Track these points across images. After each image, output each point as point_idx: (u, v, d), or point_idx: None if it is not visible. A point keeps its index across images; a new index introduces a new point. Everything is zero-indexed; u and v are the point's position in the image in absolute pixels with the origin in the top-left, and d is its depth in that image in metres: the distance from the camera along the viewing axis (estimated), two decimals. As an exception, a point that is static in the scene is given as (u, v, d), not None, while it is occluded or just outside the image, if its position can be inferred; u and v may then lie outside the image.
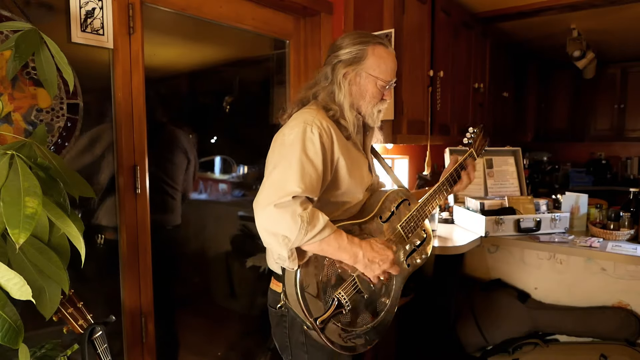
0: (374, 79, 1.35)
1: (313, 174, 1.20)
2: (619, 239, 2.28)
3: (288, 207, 1.14)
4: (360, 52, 1.34)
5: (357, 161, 1.37)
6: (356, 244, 1.25)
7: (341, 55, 1.35)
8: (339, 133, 1.32)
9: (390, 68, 1.37)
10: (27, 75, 1.34)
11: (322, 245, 1.20)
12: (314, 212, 1.17)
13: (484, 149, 1.67)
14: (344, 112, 1.33)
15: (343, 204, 1.36)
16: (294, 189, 1.15)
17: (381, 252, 1.28)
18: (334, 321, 1.26)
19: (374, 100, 1.37)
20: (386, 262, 1.28)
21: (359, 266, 1.27)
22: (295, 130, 1.24)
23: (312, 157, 1.21)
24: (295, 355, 1.40)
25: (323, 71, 1.39)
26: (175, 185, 2.22)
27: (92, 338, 1.20)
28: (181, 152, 2.26)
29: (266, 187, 1.19)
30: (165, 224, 2.18)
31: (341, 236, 1.22)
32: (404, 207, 1.43)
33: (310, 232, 1.15)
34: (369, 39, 1.36)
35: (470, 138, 1.64)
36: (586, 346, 2.31)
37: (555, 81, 5.33)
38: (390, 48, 1.40)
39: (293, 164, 1.19)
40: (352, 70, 1.34)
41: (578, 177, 5.19)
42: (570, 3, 3.06)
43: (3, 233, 0.88)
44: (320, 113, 1.30)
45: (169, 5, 1.78)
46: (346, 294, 1.28)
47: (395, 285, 1.41)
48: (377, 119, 1.42)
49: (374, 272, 1.28)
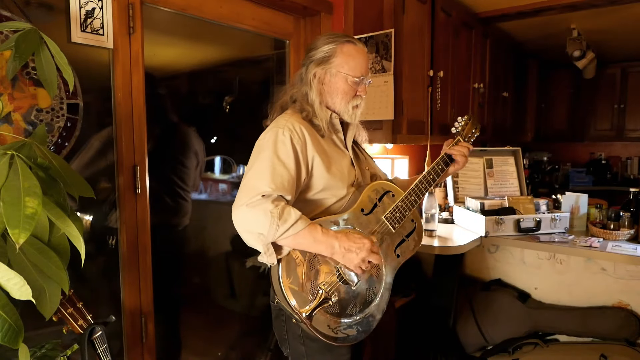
0: (344, 75, 1.39)
1: (285, 174, 1.25)
2: (619, 239, 2.28)
3: (259, 205, 1.20)
4: (330, 51, 1.39)
5: (336, 158, 1.40)
6: (331, 236, 1.28)
7: (313, 56, 1.41)
8: (314, 132, 1.36)
9: (360, 64, 1.40)
10: (27, 75, 1.34)
11: (297, 240, 1.24)
12: (284, 208, 1.22)
13: (473, 137, 1.68)
14: (316, 111, 1.38)
15: (324, 200, 1.38)
16: (264, 188, 1.22)
17: (357, 240, 1.29)
18: (322, 313, 1.27)
19: (347, 97, 1.41)
20: (363, 250, 1.28)
21: (337, 257, 1.29)
22: (267, 135, 1.32)
23: (283, 158, 1.27)
24: (293, 348, 1.42)
25: (298, 73, 1.46)
26: (187, 187, 2.23)
27: (92, 338, 1.20)
28: (192, 153, 2.27)
29: (240, 189, 1.27)
30: (179, 225, 2.20)
31: (315, 229, 1.26)
32: (387, 198, 1.44)
33: (282, 226, 1.20)
34: (338, 38, 1.41)
35: (457, 127, 1.64)
36: (586, 346, 2.31)
37: (555, 81, 5.33)
38: (359, 45, 1.43)
39: (264, 166, 1.26)
40: (321, 69, 1.39)
41: (578, 177, 5.19)
42: (570, 3, 3.06)
43: (3, 233, 0.88)
44: (294, 116, 1.37)
45: (169, 5, 1.78)
46: (331, 285, 1.29)
47: (386, 275, 1.41)
48: (354, 115, 1.44)
49: (353, 261, 1.29)
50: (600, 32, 3.79)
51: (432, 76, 2.70)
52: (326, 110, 1.41)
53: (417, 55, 2.56)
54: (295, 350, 1.41)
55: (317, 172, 1.34)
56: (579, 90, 5.21)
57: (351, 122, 1.46)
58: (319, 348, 1.36)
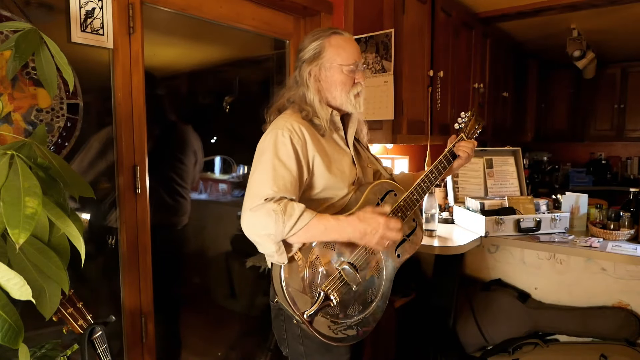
0: (338, 66, 1.38)
1: (286, 175, 1.25)
2: (619, 239, 2.28)
3: (262, 207, 1.20)
4: (318, 47, 1.39)
5: (336, 157, 1.39)
6: (342, 221, 1.26)
7: (303, 56, 1.41)
8: (314, 132, 1.36)
9: (351, 52, 1.40)
10: (27, 75, 1.34)
11: (308, 232, 1.22)
12: (287, 204, 1.21)
13: (476, 133, 1.66)
14: (316, 110, 1.37)
15: (326, 200, 1.37)
16: (266, 192, 1.22)
17: (371, 221, 1.26)
18: (323, 314, 1.27)
19: (346, 87, 1.40)
20: (379, 229, 1.25)
21: (355, 241, 1.28)
22: (267, 137, 1.31)
23: (284, 159, 1.26)
24: (292, 347, 1.42)
25: (293, 75, 1.46)
26: (186, 186, 2.23)
27: (92, 338, 1.20)
28: (191, 152, 2.27)
29: (245, 195, 1.26)
30: (178, 224, 2.20)
31: (325, 217, 1.25)
32: (389, 197, 1.43)
33: (289, 222, 1.18)
34: (323, 33, 1.41)
35: (461, 122, 1.62)
36: (586, 346, 2.31)
37: (555, 81, 5.33)
38: (345, 34, 1.43)
39: (266, 169, 1.25)
40: (315, 66, 1.39)
41: (578, 177, 5.19)
42: (570, 3, 3.06)
43: (3, 233, 0.87)
44: (293, 116, 1.36)
45: (169, 5, 1.78)
46: (333, 287, 1.29)
47: (386, 275, 1.41)
48: (358, 103, 1.43)
49: (372, 242, 1.27)
50: (600, 32, 3.79)
51: (432, 76, 2.70)
52: (326, 108, 1.40)
53: (417, 55, 2.56)
54: (294, 350, 1.41)
55: (318, 172, 1.34)
56: (579, 90, 5.21)
57: (355, 111, 1.44)
58: (318, 348, 1.36)
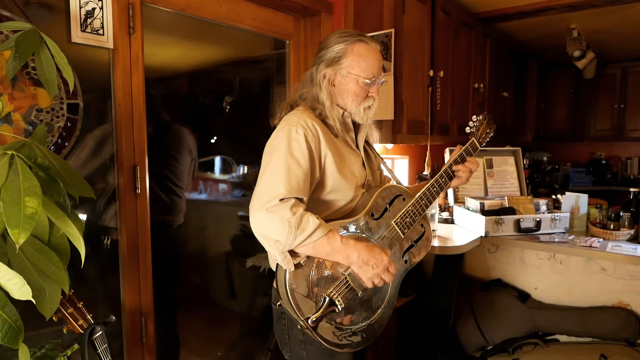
0: (355, 77, 1.34)
1: (300, 173, 1.22)
2: (619, 239, 2.28)
3: (277, 211, 1.17)
4: (340, 52, 1.34)
5: (347, 158, 1.38)
6: (351, 246, 1.25)
7: (323, 55, 1.37)
8: (327, 130, 1.33)
9: (371, 65, 1.35)
10: (27, 75, 1.34)
11: (315, 248, 1.21)
12: (303, 216, 1.18)
13: (488, 137, 1.63)
14: (327, 111, 1.35)
15: (334, 202, 1.36)
16: (280, 191, 1.19)
17: (377, 255, 1.28)
18: (327, 320, 1.26)
19: (358, 99, 1.37)
20: (380, 266, 1.28)
21: (353, 267, 1.28)
22: (280, 133, 1.28)
23: (298, 156, 1.24)
24: (294, 352, 1.41)
25: (309, 72, 1.43)
26: (181, 184, 2.23)
27: (92, 338, 1.20)
28: (187, 151, 2.27)
29: (257, 191, 1.23)
30: (172, 223, 2.20)
31: (335, 238, 1.23)
32: (398, 202, 1.41)
33: (300, 236, 1.17)
34: (349, 37, 1.35)
35: (472, 127, 1.59)
36: (586, 346, 2.31)
37: (555, 81, 5.33)
38: (372, 44, 1.37)
39: (279, 166, 1.22)
40: (331, 70, 1.35)
41: (578, 177, 5.19)
42: (570, 3, 3.06)
43: (3, 233, 0.88)
44: (306, 113, 1.33)
45: (169, 5, 1.78)
46: (338, 292, 1.27)
47: (392, 282, 1.39)
48: (366, 116, 1.40)
49: (367, 274, 1.27)
50: (600, 32, 3.79)
51: (432, 76, 2.70)
52: (338, 109, 1.37)
53: (417, 55, 2.56)
54: (297, 354, 1.40)
55: (329, 170, 1.32)
56: (579, 90, 5.21)
57: (363, 123, 1.42)
58: (320, 353, 1.34)
